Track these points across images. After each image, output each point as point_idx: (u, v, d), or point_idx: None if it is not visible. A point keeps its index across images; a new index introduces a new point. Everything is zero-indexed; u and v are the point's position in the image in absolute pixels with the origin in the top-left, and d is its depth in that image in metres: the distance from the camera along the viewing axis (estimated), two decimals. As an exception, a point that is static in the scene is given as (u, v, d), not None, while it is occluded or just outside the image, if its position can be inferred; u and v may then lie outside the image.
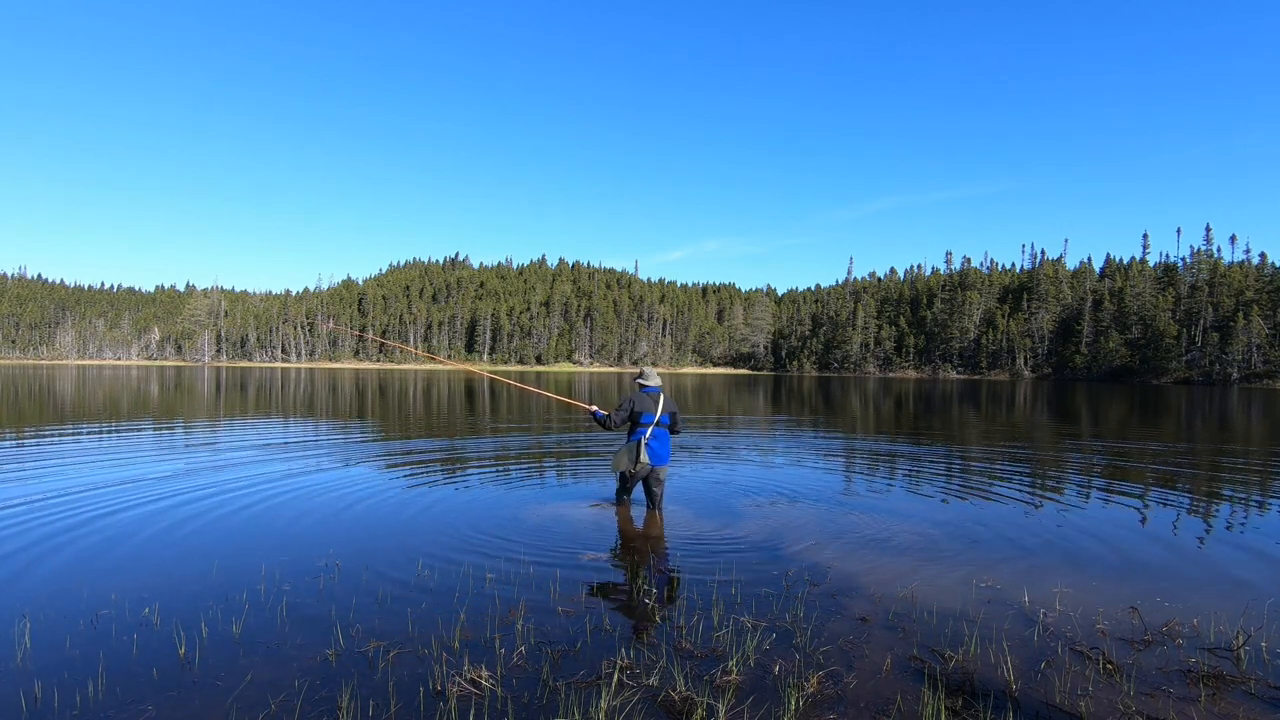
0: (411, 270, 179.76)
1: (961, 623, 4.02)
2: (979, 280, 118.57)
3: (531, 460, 10.68)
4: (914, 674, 3.37)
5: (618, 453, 6.63)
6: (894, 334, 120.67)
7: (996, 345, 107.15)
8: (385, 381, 50.20)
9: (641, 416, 6.55)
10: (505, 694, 3.11)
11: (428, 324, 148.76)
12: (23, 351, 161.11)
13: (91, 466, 9.25)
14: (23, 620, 3.87)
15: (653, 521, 6.42)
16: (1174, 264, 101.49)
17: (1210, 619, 4.13)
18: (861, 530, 6.28)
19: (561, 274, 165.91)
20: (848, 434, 16.07)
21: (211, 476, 8.56)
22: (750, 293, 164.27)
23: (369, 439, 13.48)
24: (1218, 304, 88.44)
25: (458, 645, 3.61)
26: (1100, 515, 7.16)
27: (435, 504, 7.20)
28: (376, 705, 2.99)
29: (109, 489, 7.62)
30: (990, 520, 6.81)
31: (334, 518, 6.54)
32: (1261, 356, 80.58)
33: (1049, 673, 3.40)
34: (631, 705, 3.03)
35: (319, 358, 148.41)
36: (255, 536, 5.81)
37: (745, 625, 3.92)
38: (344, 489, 7.91)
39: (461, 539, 5.78)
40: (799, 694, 3.14)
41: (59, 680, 3.19)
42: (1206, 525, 6.82)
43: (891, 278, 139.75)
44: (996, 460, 11.49)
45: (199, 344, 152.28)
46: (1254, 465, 11.28)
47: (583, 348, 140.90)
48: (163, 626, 3.82)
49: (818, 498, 7.80)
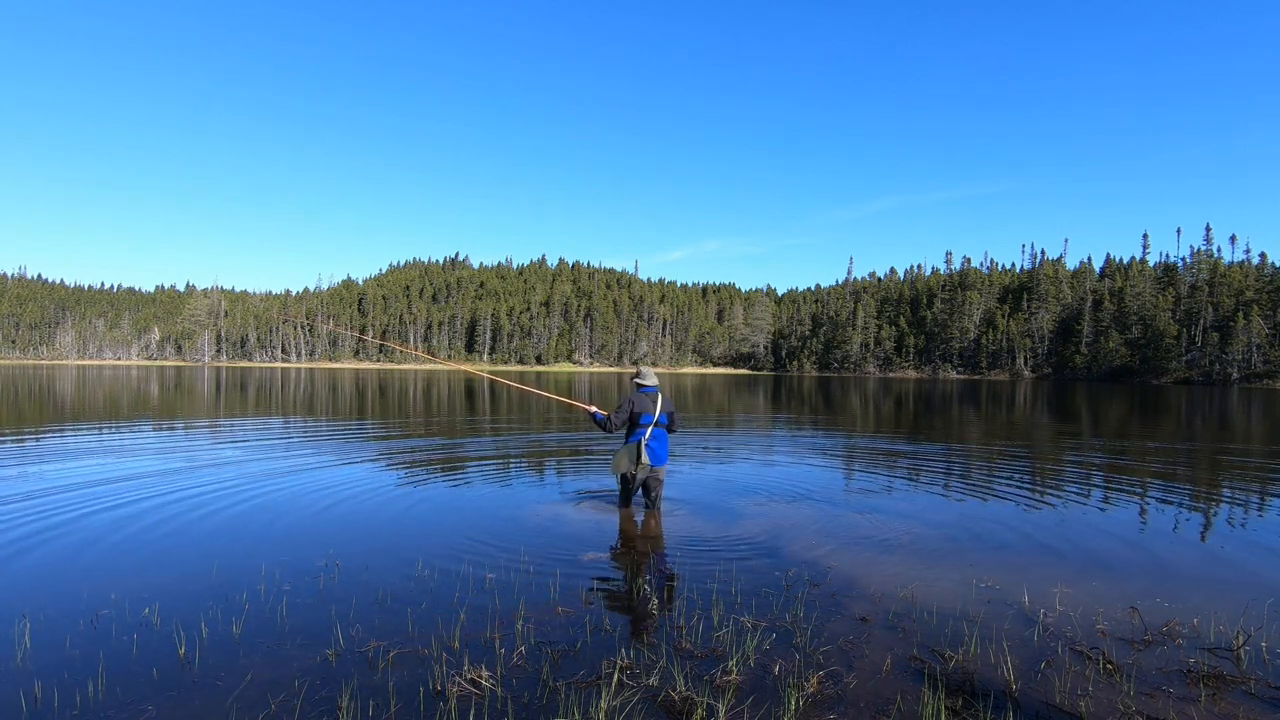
0: (411, 270, 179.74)
1: (961, 623, 4.02)
2: (979, 280, 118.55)
3: (531, 460, 10.68)
4: (914, 674, 3.37)
5: (617, 454, 6.57)
6: (894, 334, 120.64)
7: (996, 345, 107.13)
8: (385, 381, 50.20)
9: (641, 417, 6.47)
10: (505, 694, 3.11)
11: (428, 324, 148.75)
12: (23, 351, 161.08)
13: (91, 466, 9.24)
14: (23, 620, 3.87)
15: (651, 521, 6.42)
16: (1174, 264, 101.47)
17: (1210, 619, 4.13)
18: (861, 530, 6.28)
19: (561, 274, 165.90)
20: (848, 434, 16.07)
21: (212, 476, 8.56)
22: (750, 293, 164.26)
23: (369, 438, 13.47)
24: (1218, 304, 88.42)
25: (458, 645, 3.61)
26: (1100, 515, 7.16)
27: (435, 504, 7.20)
28: (376, 705, 2.99)
29: (109, 489, 7.61)
30: (990, 520, 6.81)
31: (334, 518, 6.54)
32: (1261, 356, 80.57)
33: (1049, 673, 3.40)
34: (631, 705, 3.03)
35: (319, 358, 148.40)
36: (255, 536, 5.81)
37: (745, 625, 3.92)
38: (344, 489, 7.91)
39: (461, 539, 5.78)
40: (799, 694, 3.14)
41: (59, 680, 3.18)
42: (1206, 525, 6.82)
43: (891, 278, 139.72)
44: (996, 460, 11.49)
45: (199, 344, 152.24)
46: (1254, 465, 11.28)
47: (583, 348, 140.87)
48: (163, 626, 3.82)
49: (818, 498, 7.80)
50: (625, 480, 6.70)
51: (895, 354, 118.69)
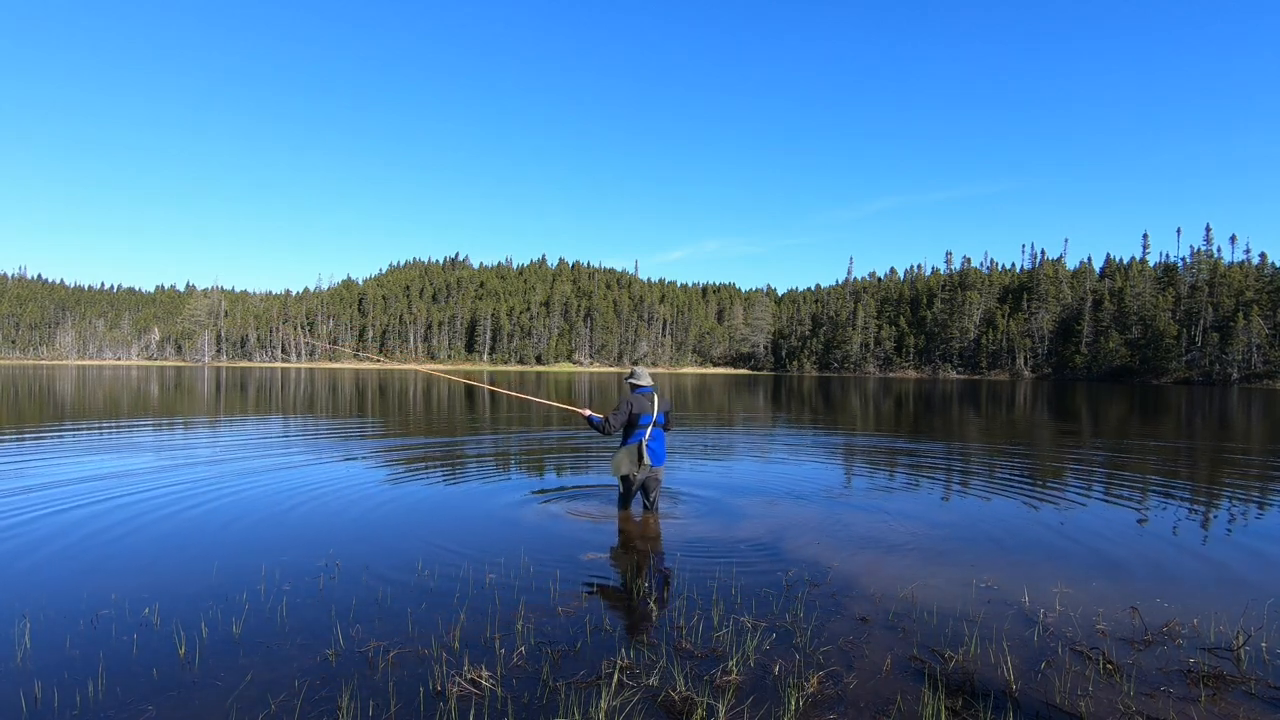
0: (411, 270, 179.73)
1: (961, 623, 4.02)
2: (979, 280, 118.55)
3: (531, 460, 10.68)
4: (914, 674, 3.37)
5: (617, 456, 6.45)
6: (894, 334, 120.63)
7: (996, 345, 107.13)
8: (385, 382, 50.20)
9: (640, 418, 6.37)
10: (505, 694, 3.11)
11: (428, 324, 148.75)
12: (23, 351, 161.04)
13: (91, 465, 9.24)
14: (23, 620, 3.87)
15: (650, 522, 6.41)
16: (1174, 264, 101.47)
17: (1210, 619, 4.13)
18: (861, 530, 6.28)
19: (561, 274, 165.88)
20: (848, 434, 16.07)
21: (212, 476, 8.56)
22: (750, 293, 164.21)
23: (369, 438, 13.47)
24: (1218, 304, 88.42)
25: (458, 645, 3.61)
26: (1100, 515, 7.16)
27: (435, 504, 7.20)
28: (376, 705, 2.99)
29: (109, 488, 7.61)
30: (990, 520, 6.81)
31: (334, 518, 6.54)
32: (1261, 356, 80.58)
33: (1049, 673, 3.40)
34: (631, 705, 3.03)
35: (319, 358, 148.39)
36: (255, 536, 5.81)
37: (745, 625, 3.92)
38: (343, 489, 7.91)
39: (461, 539, 5.78)
40: (799, 694, 3.14)
41: (59, 680, 3.18)
42: (1206, 525, 6.82)
43: (891, 278, 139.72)
44: (996, 460, 11.49)
45: (199, 344, 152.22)
46: (1254, 465, 11.28)
47: (583, 348, 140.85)
48: (163, 626, 3.82)
49: (818, 497, 7.80)
50: (626, 481, 6.60)
51: (895, 354, 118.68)
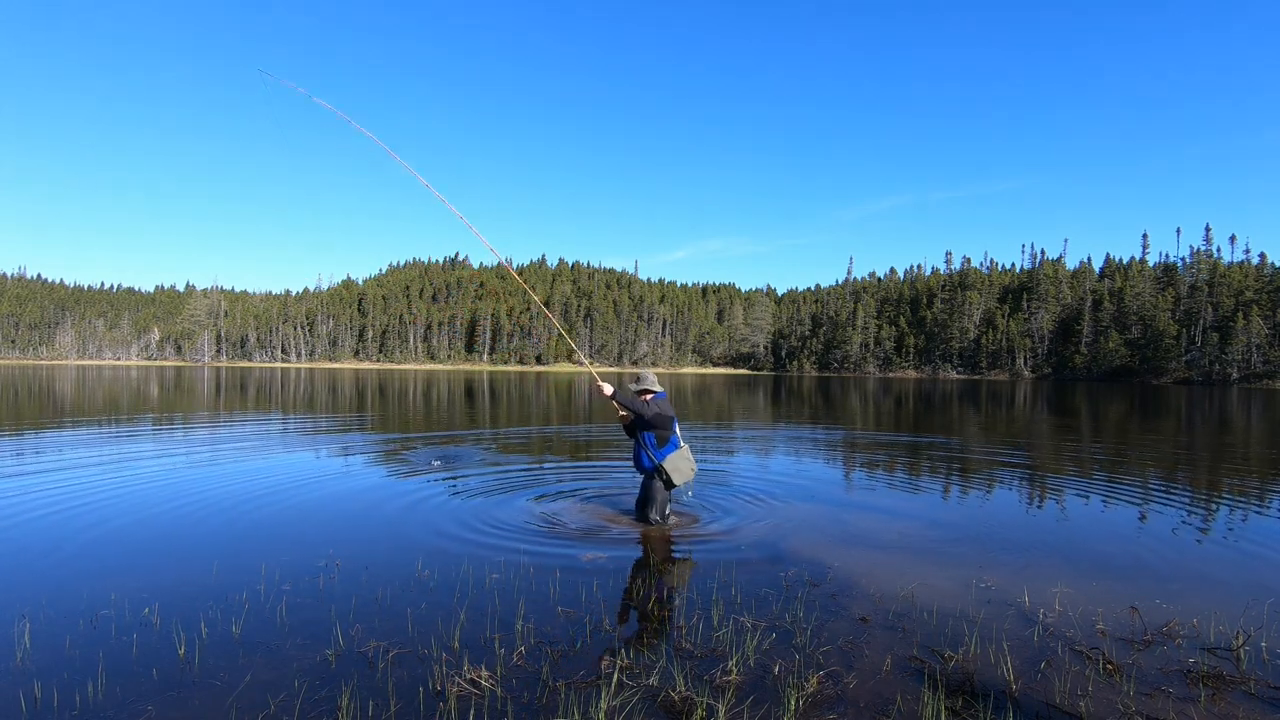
0: (411, 270, 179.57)
1: (961, 623, 4.02)
2: (979, 280, 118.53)
3: (531, 459, 10.68)
4: (914, 674, 3.37)
5: (675, 462, 5.98)
6: (894, 334, 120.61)
7: (996, 345, 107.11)
8: (385, 381, 50.20)
9: (673, 422, 6.10)
10: (505, 694, 3.11)
11: (427, 324, 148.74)
12: (22, 351, 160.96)
13: (91, 465, 9.23)
14: (23, 620, 3.87)
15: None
16: (1174, 264, 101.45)
17: (1210, 619, 4.13)
18: (861, 530, 6.28)
19: (561, 274, 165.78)
20: (848, 434, 16.07)
21: (211, 476, 8.56)
22: (750, 293, 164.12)
23: (369, 437, 13.47)
24: (1217, 304, 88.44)
25: (458, 645, 3.61)
26: (1100, 515, 7.16)
27: (434, 504, 7.20)
28: (376, 705, 2.99)
29: (108, 488, 7.61)
30: (990, 520, 6.81)
31: (334, 517, 6.54)
32: (1261, 356, 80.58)
33: (1049, 673, 3.40)
34: (631, 705, 3.03)
35: (319, 358, 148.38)
36: (255, 536, 5.81)
37: (745, 625, 3.92)
38: (343, 489, 7.91)
39: (461, 539, 5.77)
40: (799, 694, 3.14)
41: (59, 680, 3.18)
42: (1206, 525, 6.82)
43: (891, 278, 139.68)
44: (996, 460, 11.49)
45: (199, 344, 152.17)
46: (1253, 465, 11.28)
47: (583, 348, 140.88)
48: (163, 626, 3.82)
49: (817, 497, 7.80)
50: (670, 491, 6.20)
51: (895, 354, 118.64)
